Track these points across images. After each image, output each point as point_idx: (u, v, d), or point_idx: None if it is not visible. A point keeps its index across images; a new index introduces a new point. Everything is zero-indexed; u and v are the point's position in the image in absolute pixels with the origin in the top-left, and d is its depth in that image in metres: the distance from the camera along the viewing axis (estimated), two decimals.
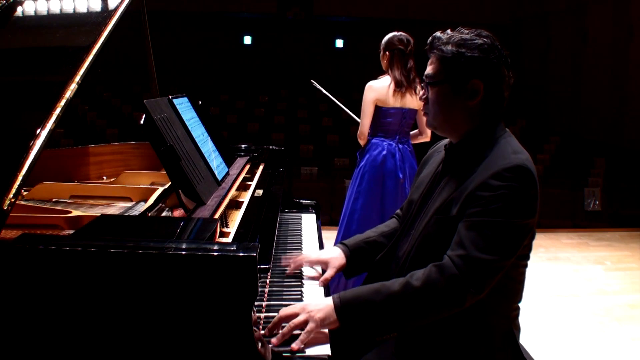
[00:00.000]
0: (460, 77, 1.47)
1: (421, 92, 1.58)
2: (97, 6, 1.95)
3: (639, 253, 5.25)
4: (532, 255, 1.53)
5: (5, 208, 1.24)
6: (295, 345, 1.32)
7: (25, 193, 2.12)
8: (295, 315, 1.37)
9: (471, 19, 11.27)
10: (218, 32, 12.99)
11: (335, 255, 1.71)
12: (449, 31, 1.52)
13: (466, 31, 1.50)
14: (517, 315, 1.57)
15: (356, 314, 1.39)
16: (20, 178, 1.27)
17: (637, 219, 6.50)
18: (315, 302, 1.43)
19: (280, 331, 1.35)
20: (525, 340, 1.60)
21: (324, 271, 1.71)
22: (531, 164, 1.42)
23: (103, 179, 2.61)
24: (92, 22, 1.79)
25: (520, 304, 1.57)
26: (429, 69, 1.53)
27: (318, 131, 9.71)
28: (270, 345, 1.32)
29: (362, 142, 3.54)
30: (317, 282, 1.68)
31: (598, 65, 9.61)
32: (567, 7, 10.47)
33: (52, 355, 1.15)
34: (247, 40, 13.33)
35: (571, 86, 10.45)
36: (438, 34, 1.52)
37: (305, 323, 1.36)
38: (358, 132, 3.52)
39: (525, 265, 1.52)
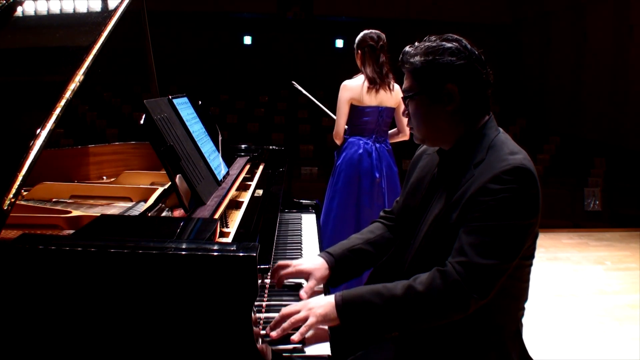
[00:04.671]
0: (434, 85, 1.47)
1: (402, 108, 1.59)
2: (97, 6, 1.95)
3: (639, 253, 5.25)
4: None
5: (5, 208, 1.24)
6: (295, 337, 1.33)
7: (25, 193, 2.12)
8: (297, 312, 1.37)
9: (471, 19, 11.30)
10: (218, 32, 12.98)
11: (317, 266, 1.64)
12: (416, 43, 1.52)
13: (433, 38, 1.50)
14: (523, 314, 1.57)
15: (357, 314, 1.39)
16: (20, 178, 1.27)
17: (637, 219, 6.50)
18: (316, 299, 1.44)
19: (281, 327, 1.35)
20: (525, 340, 1.60)
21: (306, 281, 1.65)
22: (530, 163, 1.41)
23: (103, 179, 2.61)
24: (92, 22, 1.79)
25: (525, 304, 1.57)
26: (404, 85, 1.54)
27: (318, 131, 9.71)
28: (268, 339, 1.33)
29: (338, 142, 3.55)
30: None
31: (598, 65, 9.61)
32: (567, 7, 10.47)
33: (53, 355, 1.15)
34: (247, 40, 13.33)
35: (571, 86, 10.45)
36: (407, 48, 1.53)
37: (305, 319, 1.36)
38: (334, 132, 3.53)
39: (530, 265, 1.51)
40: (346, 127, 3.51)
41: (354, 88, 3.41)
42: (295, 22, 12.67)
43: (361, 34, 3.44)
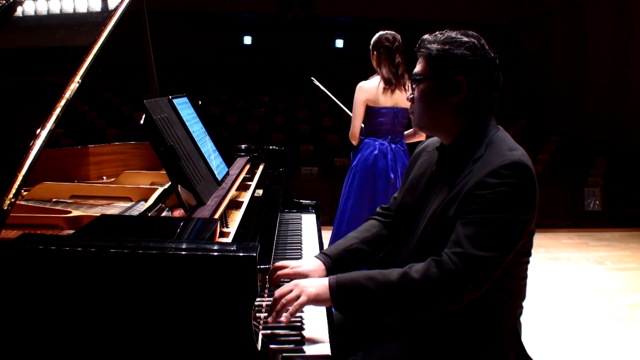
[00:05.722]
0: (445, 73, 1.49)
1: (409, 92, 1.61)
2: (97, 6, 1.95)
3: (639, 253, 5.25)
4: (532, 255, 1.53)
5: (5, 208, 1.24)
6: (284, 318, 1.34)
7: (25, 193, 2.12)
8: (289, 291, 1.39)
9: (471, 19, 11.28)
10: (218, 32, 12.99)
11: (314, 267, 1.63)
12: (437, 32, 1.54)
13: (453, 31, 1.52)
14: (521, 313, 1.57)
15: (350, 297, 1.40)
16: (20, 178, 1.27)
17: (637, 219, 6.50)
18: (309, 279, 1.45)
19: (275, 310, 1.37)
20: (525, 340, 1.60)
21: None
22: (527, 160, 1.42)
23: (103, 179, 2.61)
24: (92, 22, 1.79)
25: (524, 303, 1.57)
26: (416, 68, 1.56)
27: (318, 131, 9.71)
28: (268, 330, 1.34)
29: (354, 142, 3.56)
30: None
31: (598, 65, 9.61)
32: (567, 7, 10.47)
33: (53, 355, 1.15)
34: (247, 40, 13.34)
35: (571, 86, 10.46)
36: (426, 36, 1.55)
37: (297, 297, 1.38)
38: (350, 133, 3.54)
39: (528, 262, 1.52)
40: (362, 126, 3.52)
41: (369, 89, 3.42)
42: (295, 22, 12.67)
43: (377, 35, 3.45)
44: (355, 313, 1.45)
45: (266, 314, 1.39)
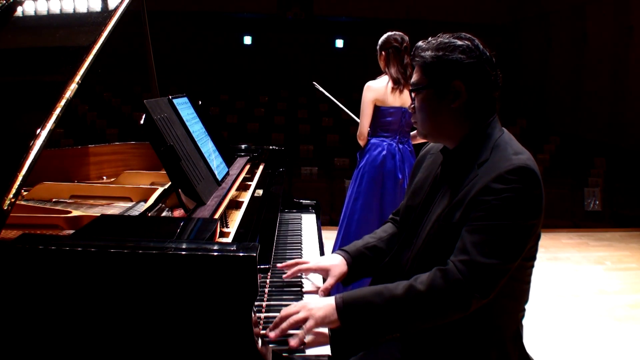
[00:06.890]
0: (442, 80, 1.48)
1: (409, 103, 1.59)
2: (97, 6, 1.95)
3: (639, 253, 5.25)
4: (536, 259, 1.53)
5: (5, 208, 1.24)
6: (293, 343, 1.32)
7: (25, 193, 2.12)
8: (296, 312, 1.37)
9: (471, 19, 11.29)
10: (218, 32, 12.99)
11: (336, 262, 1.66)
12: (430, 38, 1.53)
13: (446, 35, 1.51)
14: (523, 316, 1.57)
15: (358, 315, 1.39)
16: (20, 178, 1.27)
17: (637, 219, 6.50)
18: (316, 300, 1.43)
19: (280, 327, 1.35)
20: (526, 340, 1.60)
21: (324, 279, 1.67)
22: (533, 164, 1.41)
23: (103, 179, 2.61)
24: (92, 22, 1.79)
25: (526, 305, 1.57)
26: (413, 78, 1.55)
27: (318, 131, 9.70)
28: (268, 339, 1.33)
29: (361, 143, 3.56)
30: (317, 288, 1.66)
31: (598, 65, 9.61)
32: (567, 7, 10.47)
33: (53, 355, 1.15)
34: (247, 40, 13.33)
35: (571, 86, 10.45)
36: (419, 43, 1.54)
37: (305, 320, 1.36)
38: (357, 133, 3.54)
39: (532, 266, 1.51)
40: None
41: (378, 89, 3.43)
42: (295, 22, 12.67)
43: (384, 36, 3.46)
44: (364, 331, 1.42)
45: (265, 315, 1.38)
